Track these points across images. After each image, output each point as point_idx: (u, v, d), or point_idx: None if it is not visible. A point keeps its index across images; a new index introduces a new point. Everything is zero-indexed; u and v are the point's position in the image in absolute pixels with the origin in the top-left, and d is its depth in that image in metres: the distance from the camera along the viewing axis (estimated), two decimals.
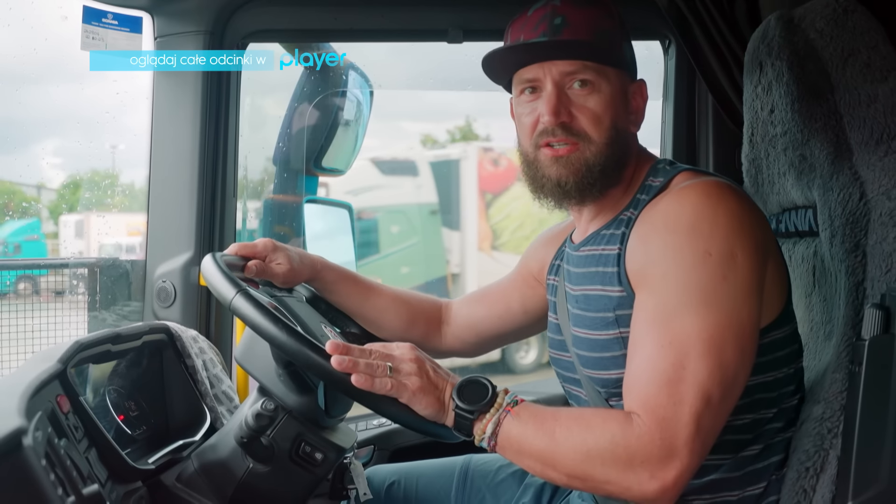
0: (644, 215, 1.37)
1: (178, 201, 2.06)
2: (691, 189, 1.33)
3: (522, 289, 1.78)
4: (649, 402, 1.21)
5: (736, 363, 1.23)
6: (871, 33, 1.44)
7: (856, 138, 1.42)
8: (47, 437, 1.09)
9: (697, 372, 1.20)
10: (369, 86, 2.61)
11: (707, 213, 1.28)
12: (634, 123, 1.47)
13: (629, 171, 1.46)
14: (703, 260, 1.25)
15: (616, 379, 1.37)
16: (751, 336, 1.26)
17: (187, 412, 1.76)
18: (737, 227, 1.27)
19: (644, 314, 1.29)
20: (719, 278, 1.24)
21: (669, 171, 1.41)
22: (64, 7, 1.95)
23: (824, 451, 1.29)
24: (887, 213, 1.33)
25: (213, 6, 2.03)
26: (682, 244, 1.27)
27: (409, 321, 1.82)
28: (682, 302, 1.24)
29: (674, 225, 1.30)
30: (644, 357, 1.25)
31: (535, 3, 1.45)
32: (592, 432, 1.23)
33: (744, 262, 1.26)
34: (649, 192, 1.40)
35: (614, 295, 1.37)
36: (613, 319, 1.37)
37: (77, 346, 1.43)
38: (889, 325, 1.23)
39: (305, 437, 1.48)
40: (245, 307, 1.34)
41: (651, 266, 1.30)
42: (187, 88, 2.05)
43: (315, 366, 1.30)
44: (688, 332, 1.22)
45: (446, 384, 1.32)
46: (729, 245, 1.25)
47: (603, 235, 1.44)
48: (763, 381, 1.35)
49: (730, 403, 1.24)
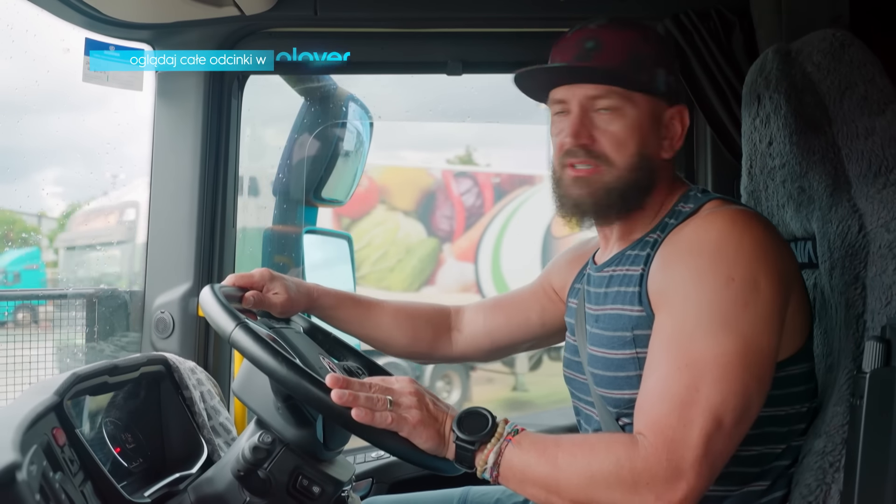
0: (670, 238, 1.37)
1: (177, 232, 2.07)
2: (718, 215, 1.34)
3: (543, 301, 1.79)
4: (659, 422, 1.20)
5: (751, 391, 1.22)
6: (867, 67, 1.45)
7: (854, 171, 1.42)
8: (42, 471, 1.08)
9: (711, 396, 1.20)
10: (369, 117, 2.63)
11: (732, 238, 1.28)
12: (667, 149, 1.45)
13: (658, 196, 1.45)
14: (725, 285, 1.25)
15: (629, 399, 1.36)
16: (768, 365, 1.25)
17: (184, 444, 1.75)
18: (761, 255, 1.27)
19: (662, 335, 1.28)
20: (741, 304, 1.24)
21: (700, 198, 1.42)
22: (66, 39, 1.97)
23: (826, 486, 1.28)
24: (886, 246, 1.32)
25: (213, 39, 2.05)
26: (705, 268, 1.27)
27: (414, 333, 1.83)
28: (702, 325, 1.24)
29: (698, 249, 1.30)
30: (659, 378, 1.24)
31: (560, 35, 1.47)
32: (596, 456, 1.22)
33: (767, 290, 1.25)
34: (678, 217, 1.40)
35: (633, 314, 1.37)
36: (631, 339, 1.37)
37: (74, 378, 1.42)
38: (890, 357, 1.22)
39: (303, 470, 1.46)
40: (244, 340, 1.34)
41: (673, 288, 1.30)
42: (188, 119, 2.06)
43: (315, 399, 1.29)
44: (705, 356, 1.22)
45: (446, 416, 1.32)
46: (752, 272, 1.25)
47: (628, 256, 1.44)
48: (775, 414, 1.34)
49: (741, 430, 1.23)
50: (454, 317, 1.87)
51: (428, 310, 1.87)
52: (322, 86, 2.51)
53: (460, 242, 10.52)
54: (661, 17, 1.98)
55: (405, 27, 2.10)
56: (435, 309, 1.88)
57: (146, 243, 2.09)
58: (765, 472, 1.36)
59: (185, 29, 2.03)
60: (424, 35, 2.13)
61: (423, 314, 1.86)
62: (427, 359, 1.91)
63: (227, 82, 2.09)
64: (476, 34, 2.13)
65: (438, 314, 1.87)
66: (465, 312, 1.87)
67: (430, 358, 1.90)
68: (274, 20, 2.03)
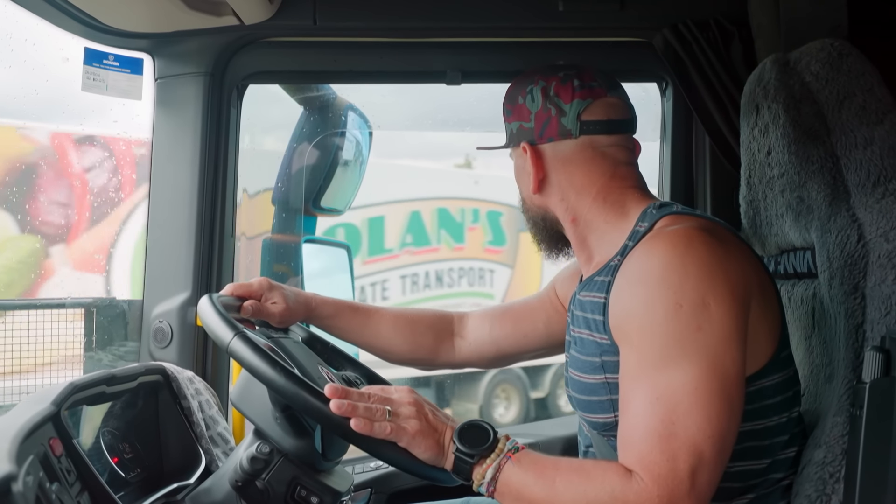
0: (624, 265, 1.37)
1: (175, 241, 2.06)
2: (659, 239, 1.33)
3: (549, 311, 1.80)
4: (644, 459, 1.20)
5: (725, 413, 1.22)
6: (866, 76, 1.45)
7: (853, 180, 1.42)
8: (38, 482, 1.08)
9: (687, 427, 1.20)
10: (368, 126, 2.63)
11: (675, 263, 1.27)
12: (535, 186, 1.52)
13: (576, 225, 1.51)
14: (675, 312, 1.24)
15: (604, 423, 1.37)
16: (736, 384, 1.25)
17: (182, 455, 1.75)
18: (707, 276, 1.26)
19: (628, 369, 1.29)
20: (694, 329, 1.24)
21: (654, 214, 1.41)
22: (65, 49, 1.97)
23: (826, 497, 1.28)
24: (885, 256, 1.32)
25: (213, 48, 2.05)
26: (653, 297, 1.27)
27: (415, 339, 1.83)
28: (662, 356, 1.24)
29: (645, 277, 1.30)
30: (634, 414, 1.25)
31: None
32: (592, 484, 1.22)
33: (718, 311, 1.24)
34: (635, 238, 1.40)
35: (601, 342, 1.38)
36: (600, 364, 1.37)
37: (71, 388, 1.42)
38: (889, 367, 1.22)
39: (301, 480, 1.46)
40: (243, 350, 1.34)
41: (628, 320, 1.31)
42: (187, 128, 2.06)
43: (313, 410, 1.29)
44: (673, 387, 1.22)
45: (446, 427, 1.32)
46: (700, 294, 1.25)
47: (595, 282, 1.44)
48: (752, 428, 1.33)
49: (724, 455, 1.23)
50: (457, 323, 1.87)
51: (429, 316, 1.87)
52: (321, 95, 2.52)
53: (82, 243, 6.41)
54: (660, 27, 1.98)
55: (404, 37, 2.10)
56: (437, 315, 1.88)
57: (145, 252, 2.08)
58: (750, 487, 1.36)
59: (184, 38, 2.03)
60: (423, 45, 2.13)
61: (424, 320, 1.86)
62: (429, 365, 1.91)
63: (226, 91, 2.09)
64: (475, 44, 2.13)
65: (440, 320, 1.87)
66: (470, 319, 1.87)
67: (431, 364, 1.90)
68: (273, 30, 2.04)
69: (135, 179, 5.87)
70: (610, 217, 1.47)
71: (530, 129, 1.50)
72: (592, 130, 1.48)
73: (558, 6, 1.97)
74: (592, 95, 1.48)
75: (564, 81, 1.48)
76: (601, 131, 1.48)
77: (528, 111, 1.50)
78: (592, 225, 1.49)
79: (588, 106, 1.47)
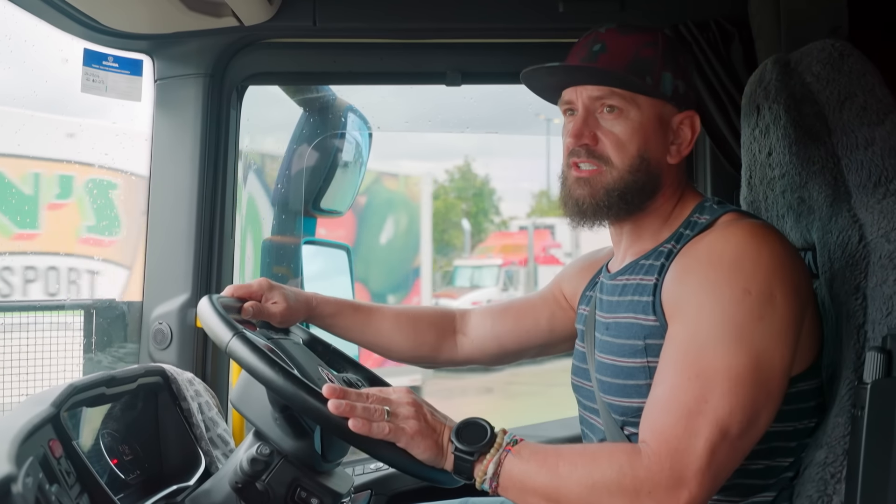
0: (687, 249, 1.37)
1: (175, 242, 2.06)
2: (737, 227, 1.34)
3: (553, 307, 1.79)
4: (664, 431, 1.20)
5: (760, 405, 1.22)
6: (866, 77, 1.45)
7: (854, 181, 1.42)
8: (38, 484, 1.08)
9: (718, 407, 1.20)
10: (368, 128, 2.63)
11: (751, 251, 1.28)
12: (674, 155, 1.45)
13: (664, 201, 1.45)
14: (741, 297, 1.25)
15: (636, 408, 1.35)
16: (780, 380, 1.25)
17: (182, 456, 1.75)
18: (779, 269, 1.27)
19: (674, 345, 1.28)
20: (756, 317, 1.24)
21: (717, 209, 1.41)
22: (65, 50, 1.97)
23: (828, 497, 1.27)
24: (887, 256, 1.32)
25: (212, 49, 2.05)
26: (722, 279, 1.27)
27: (416, 337, 1.83)
28: (715, 336, 1.24)
29: (717, 260, 1.30)
30: (668, 387, 1.24)
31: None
32: (598, 464, 1.22)
33: (782, 305, 1.25)
34: (694, 228, 1.40)
35: (646, 324, 1.37)
36: (643, 348, 1.36)
37: (71, 390, 1.42)
38: (891, 368, 1.22)
39: (301, 482, 1.46)
40: (241, 350, 1.34)
41: (687, 298, 1.30)
42: (186, 129, 2.06)
43: (312, 410, 1.29)
44: (716, 368, 1.21)
45: (444, 427, 1.31)
46: (769, 286, 1.25)
47: (642, 265, 1.43)
48: (783, 429, 1.33)
49: (748, 443, 1.23)
50: (459, 320, 1.87)
51: (431, 313, 1.87)
52: (321, 96, 2.52)
53: None
54: (661, 28, 1.98)
55: (404, 38, 2.10)
56: (438, 312, 1.88)
57: (144, 254, 2.08)
58: (770, 485, 1.36)
59: (184, 39, 2.03)
60: (423, 46, 2.14)
61: (426, 318, 1.85)
62: (431, 363, 1.90)
63: (225, 92, 2.09)
64: (475, 45, 2.14)
65: (442, 317, 1.87)
66: (472, 316, 1.87)
67: (434, 362, 1.89)
68: (273, 31, 2.04)
69: None
70: (674, 201, 1.46)
71: (693, 98, 1.47)
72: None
73: (558, 7, 1.97)
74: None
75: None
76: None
77: (689, 75, 1.46)
78: (668, 205, 1.46)
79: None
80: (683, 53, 1.47)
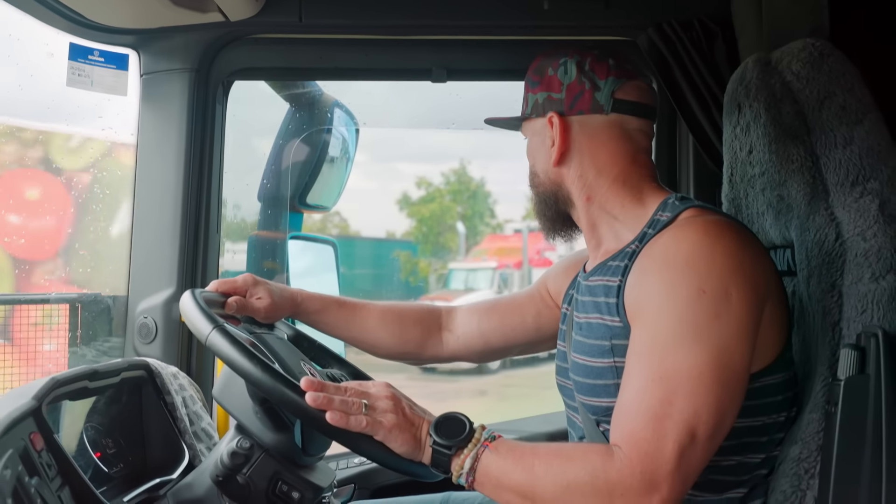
0: (646, 249, 1.38)
1: (161, 237, 2.06)
2: (691, 225, 1.35)
3: (539, 305, 1.81)
4: (634, 435, 1.21)
5: (724, 403, 1.23)
6: (846, 77, 1.46)
7: (832, 179, 1.43)
8: (17, 476, 1.08)
9: (684, 409, 1.21)
10: (355, 123, 2.63)
11: (704, 250, 1.29)
12: (557, 158, 1.51)
13: (593, 202, 1.50)
14: (696, 297, 1.26)
15: (606, 407, 1.37)
16: (741, 377, 1.26)
17: (166, 450, 1.75)
18: (733, 267, 1.28)
19: (637, 348, 1.29)
20: (712, 316, 1.25)
21: (678, 206, 1.42)
22: (50, 44, 1.97)
23: (801, 492, 1.29)
24: (862, 254, 1.33)
25: (198, 44, 2.05)
26: (677, 280, 1.28)
27: (402, 333, 1.83)
28: (675, 337, 1.25)
29: (672, 260, 1.31)
30: (633, 390, 1.26)
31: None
32: (573, 465, 1.23)
33: (738, 302, 1.26)
34: (656, 227, 1.41)
35: (612, 325, 1.38)
36: (609, 348, 1.38)
37: (53, 383, 1.42)
38: (864, 365, 1.23)
39: (282, 475, 1.46)
40: (221, 343, 1.34)
41: (646, 300, 1.32)
42: (172, 124, 2.06)
43: (289, 402, 1.29)
44: (678, 369, 1.23)
45: (422, 421, 1.32)
46: (724, 284, 1.26)
47: (609, 266, 1.45)
48: (752, 424, 1.34)
49: (715, 442, 1.24)
50: (445, 317, 1.88)
51: (417, 310, 1.88)
52: (307, 92, 2.52)
53: None
54: (645, 26, 1.99)
55: (390, 34, 2.10)
56: (424, 309, 1.89)
57: (129, 248, 2.08)
58: (744, 481, 1.37)
59: (170, 34, 2.03)
60: (409, 42, 2.14)
61: (412, 314, 1.86)
62: (417, 359, 1.91)
63: (211, 87, 2.09)
64: (460, 42, 2.14)
65: (428, 314, 1.87)
66: (458, 313, 1.88)
67: (419, 358, 1.90)
68: (259, 26, 2.04)
69: None
70: (626, 202, 1.48)
71: (560, 100, 1.49)
72: (624, 110, 1.48)
73: (543, 5, 1.97)
74: (626, 76, 1.48)
75: (600, 58, 1.48)
76: (632, 112, 1.49)
77: (560, 82, 1.49)
78: (607, 207, 1.49)
79: (622, 85, 1.48)
80: (553, 61, 1.52)
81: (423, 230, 24.24)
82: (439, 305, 1.92)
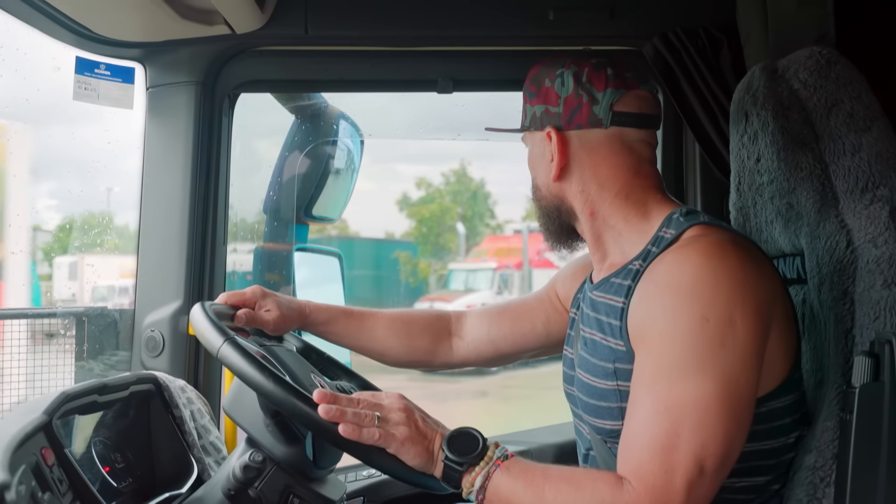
0: (649, 271, 1.35)
1: (167, 250, 2.06)
2: (695, 248, 1.32)
3: (549, 310, 1.79)
4: (641, 468, 1.20)
5: (731, 433, 1.22)
6: (853, 84, 1.46)
7: (841, 187, 1.43)
8: (31, 492, 1.08)
9: (692, 441, 1.19)
10: (360, 135, 2.64)
11: (707, 275, 1.27)
12: (557, 174, 1.48)
13: (596, 217, 1.48)
14: (700, 325, 1.23)
15: (610, 430, 1.36)
16: (747, 405, 1.24)
17: (174, 464, 1.74)
18: (738, 291, 1.26)
19: (642, 376, 1.28)
20: (717, 345, 1.23)
21: (682, 222, 1.39)
22: (57, 58, 1.97)
23: (817, 501, 1.28)
24: (874, 261, 1.33)
25: (204, 57, 2.06)
26: (680, 307, 1.26)
27: (411, 341, 1.82)
28: (679, 367, 1.23)
29: (675, 286, 1.28)
30: (640, 421, 1.24)
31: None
32: (582, 493, 1.22)
33: (743, 330, 1.24)
34: (660, 245, 1.38)
35: (616, 348, 1.37)
36: (612, 371, 1.36)
37: (63, 398, 1.42)
38: (879, 372, 1.23)
39: (294, 489, 1.46)
40: (232, 356, 1.34)
41: (650, 326, 1.29)
42: (178, 136, 2.07)
43: (302, 415, 1.29)
44: (684, 400, 1.21)
45: (435, 434, 1.31)
46: (728, 310, 1.24)
47: (612, 283, 1.43)
48: (760, 448, 1.33)
49: (723, 473, 1.23)
50: (455, 323, 1.87)
51: (426, 317, 1.87)
52: (313, 104, 2.52)
53: None
54: (650, 35, 1.99)
55: (395, 46, 2.11)
56: (433, 315, 1.88)
57: (136, 261, 2.08)
58: (754, 498, 1.36)
59: (176, 47, 2.04)
60: (415, 53, 2.14)
61: (421, 321, 1.85)
62: (427, 366, 1.90)
63: (217, 100, 2.10)
64: (466, 52, 2.15)
65: (437, 320, 1.86)
66: (468, 319, 1.87)
67: (429, 366, 1.89)
68: (265, 39, 2.04)
69: None
70: (630, 216, 1.45)
71: (558, 115, 1.47)
72: (624, 122, 1.45)
73: (548, 15, 1.98)
74: (626, 86, 1.45)
75: (598, 68, 1.45)
76: (632, 124, 1.45)
77: (557, 95, 1.46)
78: (610, 222, 1.47)
79: (621, 97, 1.44)
80: (550, 71, 1.49)
81: (422, 231, 24.29)
82: (448, 311, 1.91)
